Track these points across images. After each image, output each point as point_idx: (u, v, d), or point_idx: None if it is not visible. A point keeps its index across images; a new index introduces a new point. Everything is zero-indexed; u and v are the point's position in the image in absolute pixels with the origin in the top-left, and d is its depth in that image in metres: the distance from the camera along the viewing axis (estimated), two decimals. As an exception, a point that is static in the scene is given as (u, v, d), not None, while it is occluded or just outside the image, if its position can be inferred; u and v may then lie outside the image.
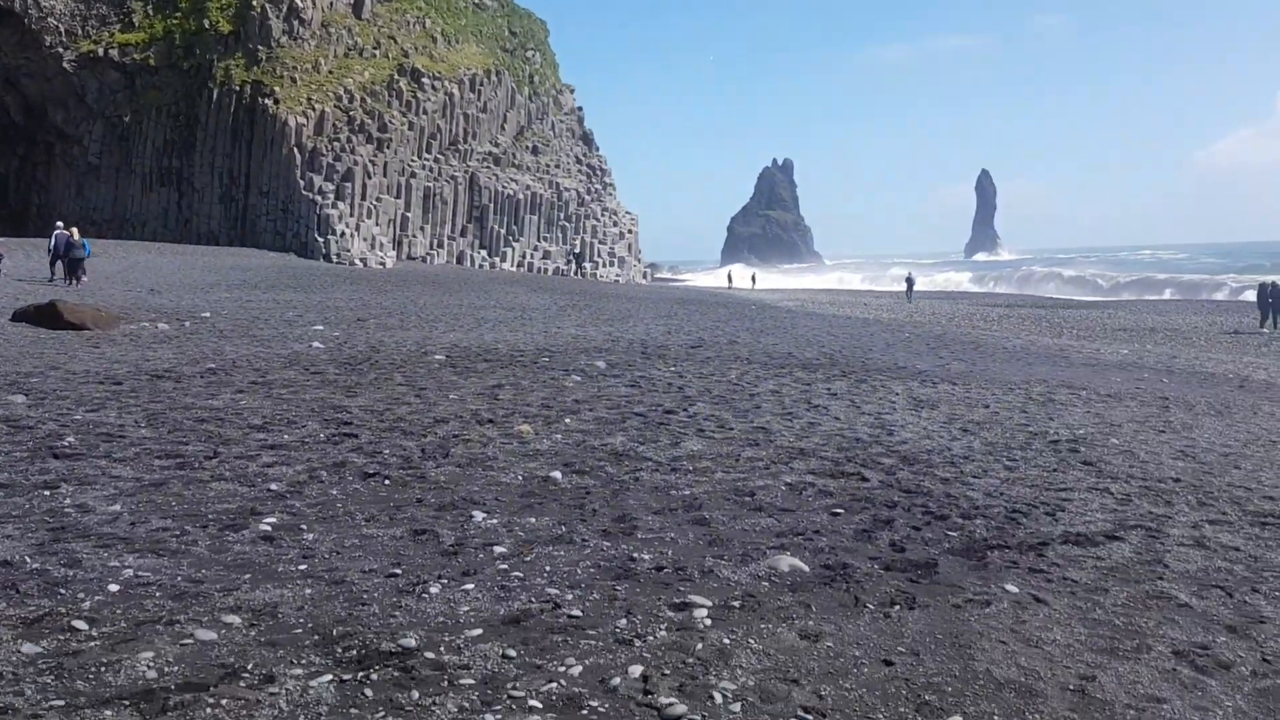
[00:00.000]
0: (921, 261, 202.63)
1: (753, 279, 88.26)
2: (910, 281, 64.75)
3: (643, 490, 8.11)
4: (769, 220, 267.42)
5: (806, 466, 9.36)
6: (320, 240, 53.41)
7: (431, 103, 60.57)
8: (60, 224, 34.07)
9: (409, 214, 58.58)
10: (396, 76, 59.95)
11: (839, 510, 7.75)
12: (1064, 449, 11.06)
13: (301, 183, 54.44)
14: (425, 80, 60.73)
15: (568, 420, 11.27)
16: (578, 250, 65.04)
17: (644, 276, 72.81)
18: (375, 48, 60.51)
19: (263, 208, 55.66)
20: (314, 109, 55.77)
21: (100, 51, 56.61)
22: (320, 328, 21.80)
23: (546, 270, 63.43)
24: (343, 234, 54.03)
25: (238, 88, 55.64)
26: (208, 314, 23.37)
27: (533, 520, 7.12)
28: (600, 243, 67.77)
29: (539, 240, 64.60)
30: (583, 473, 8.67)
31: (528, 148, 67.47)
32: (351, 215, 55.22)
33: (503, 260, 62.02)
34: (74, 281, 31.14)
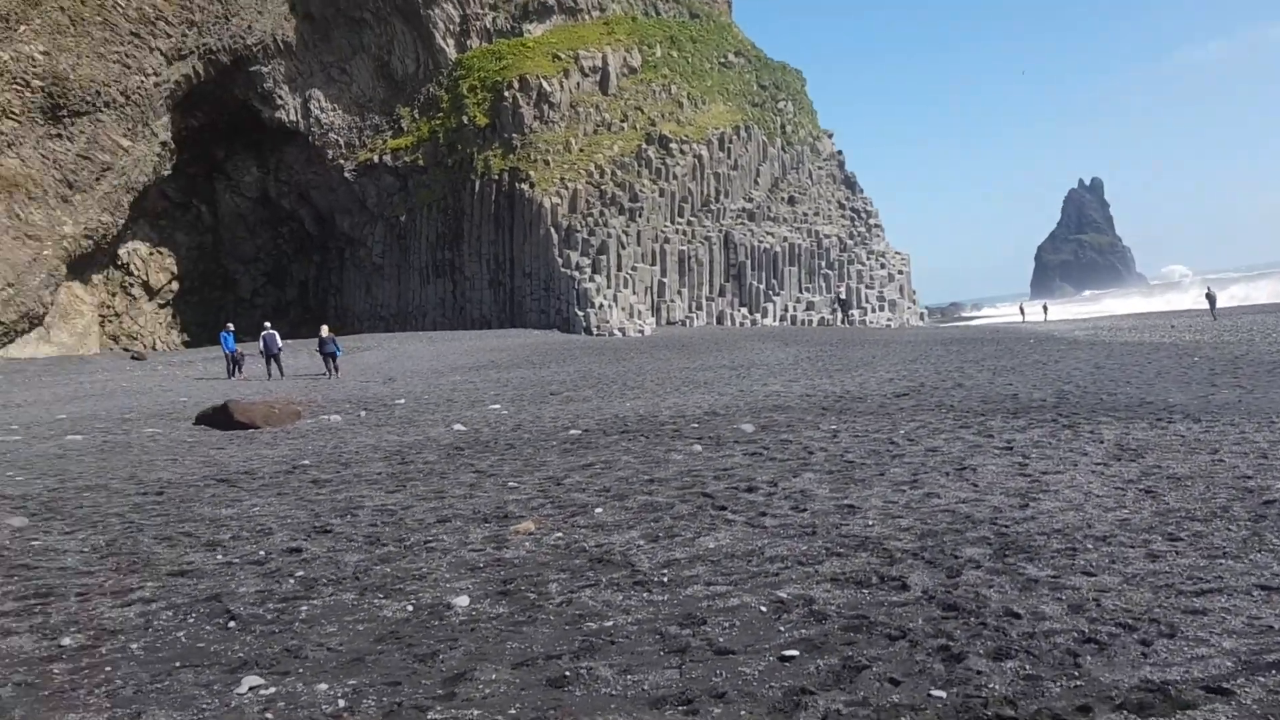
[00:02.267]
0: (1250, 273, 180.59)
1: (1044, 309, 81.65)
2: (1211, 297, 57.13)
3: (560, 621, 6.24)
4: (1080, 245, 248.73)
5: (840, 568, 7.07)
6: (580, 314, 54.30)
7: (680, 167, 60.58)
8: (268, 324, 36.39)
9: (665, 279, 58.52)
10: (644, 146, 60.55)
11: (795, 651, 5.48)
12: (1269, 519, 7.93)
13: (559, 260, 55.79)
14: (673, 145, 60.90)
15: (599, 510, 9.47)
16: (843, 297, 62.31)
17: (921, 318, 68.63)
18: (623, 120, 61.51)
19: (527, 289, 57.54)
20: (567, 188, 57.25)
21: (376, 159, 61.30)
22: (496, 406, 21.20)
23: (810, 321, 61.16)
24: (601, 306, 54.67)
25: (496, 176, 58.20)
26: (401, 401, 23.48)
27: (323, 688, 5.38)
28: (867, 287, 64.61)
29: (800, 292, 62.51)
30: (507, 595, 6.87)
31: (784, 199, 65.90)
32: (609, 287, 55.84)
33: (764, 316, 60.45)
34: (329, 374, 32.91)
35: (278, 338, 34.16)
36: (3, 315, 48.44)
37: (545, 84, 59.57)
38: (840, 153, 75.06)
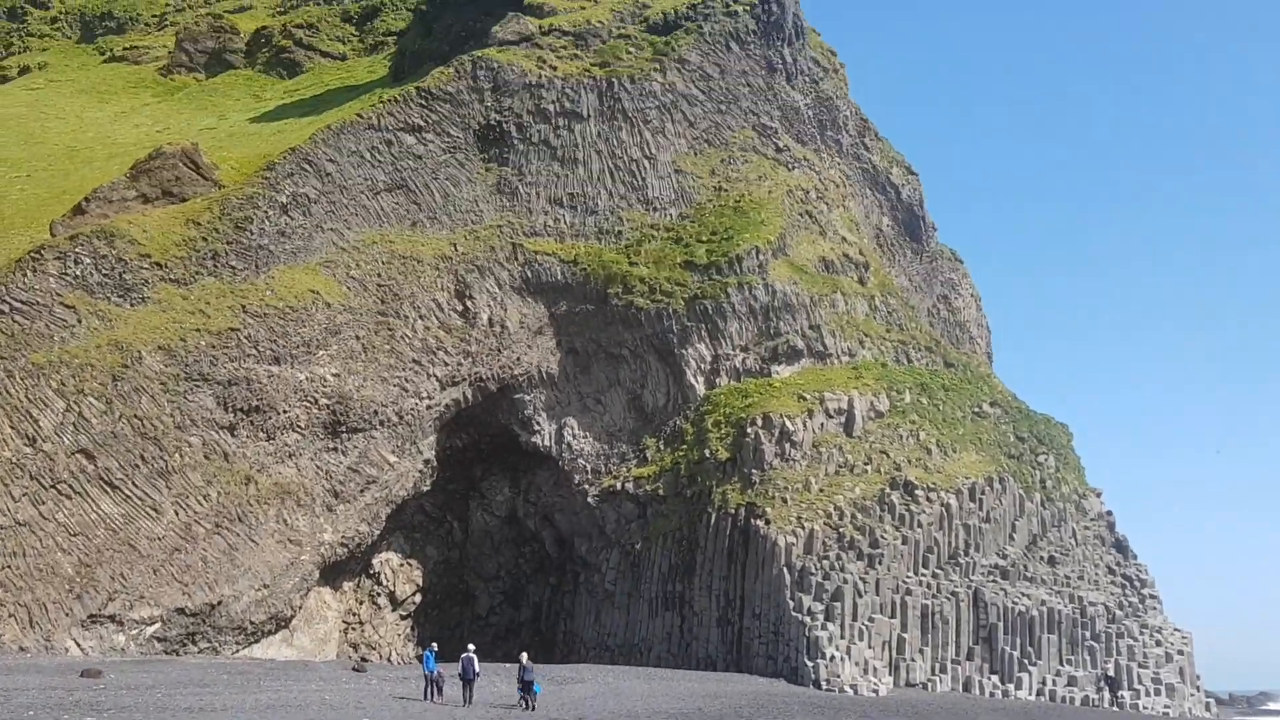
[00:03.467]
0: None
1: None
2: None
3: None
4: None
5: None
6: (810, 664, 50.87)
7: (926, 515, 57.76)
8: (471, 646, 35.67)
9: (905, 634, 54.27)
10: (888, 490, 58.51)
11: None
12: None
13: (791, 603, 53.24)
14: (919, 492, 58.51)
15: None
16: (1111, 675, 55.22)
17: (1208, 709, 59.50)
18: (866, 463, 60.12)
19: (756, 630, 54.93)
20: (803, 527, 55.61)
21: (619, 485, 62.43)
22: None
23: (1072, 699, 54.24)
24: (833, 658, 51.07)
25: (733, 511, 57.53)
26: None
27: None
28: (1140, 666, 57.09)
29: (1061, 664, 56.02)
30: None
31: (1043, 558, 60.99)
32: (842, 637, 52.35)
33: (1017, 687, 54.26)
34: (522, 707, 31.61)
35: (475, 662, 33.46)
36: (254, 615, 50.86)
37: (789, 422, 59.72)
38: (1110, 513, 69.69)
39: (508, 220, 66.23)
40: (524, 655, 33.71)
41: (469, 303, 62.88)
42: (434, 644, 36.77)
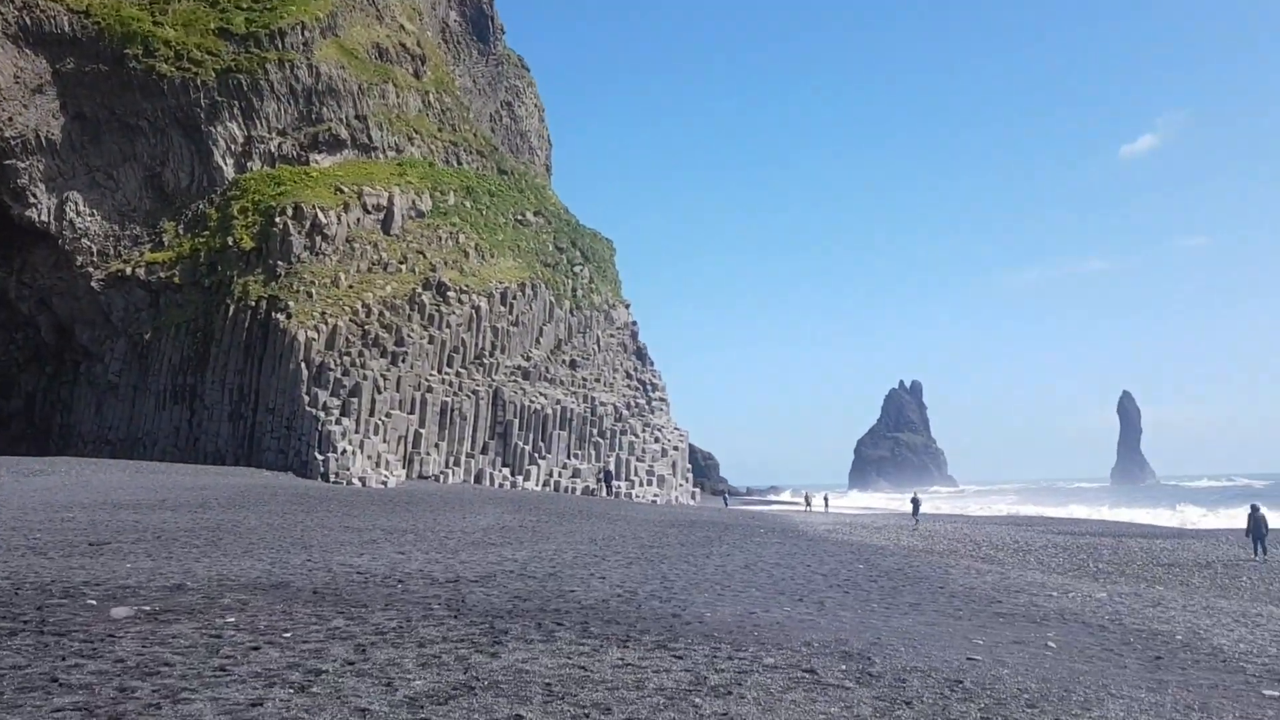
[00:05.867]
0: (1066, 484, 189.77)
1: (825, 500, 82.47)
2: (916, 503, 59.03)
3: None
4: (897, 443, 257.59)
5: None
6: (320, 458, 50.31)
7: (456, 316, 58.40)
8: None
9: (423, 430, 55.31)
10: (420, 290, 58.29)
11: None
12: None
13: (306, 398, 52.05)
14: (451, 294, 58.86)
15: None
16: (610, 469, 60.22)
17: (693, 497, 67.08)
18: (401, 262, 59.34)
19: (268, 425, 53.36)
20: (326, 323, 54.09)
21: (128, 270, 57.04)
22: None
23: (574, 489, 58.64)
24: (344, 452, 50.88)
25: (254, 303, 54.69)
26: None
27: None
28: (638, 460, 62.84)
29: (568, 458, 60.18)
30: None
31: (564, 361, 64.31)
32: (357, 432, 52.23)
33: (526, 479, 57.66)
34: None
35: None
36: None
37: (322, 214, 57.14)
38: (635, 323, 74.60)
39: (-3, -49, 55.95)
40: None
41: (-61, 43, 53.04)
42: None
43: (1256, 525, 33.94)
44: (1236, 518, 65.94)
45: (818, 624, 14.18)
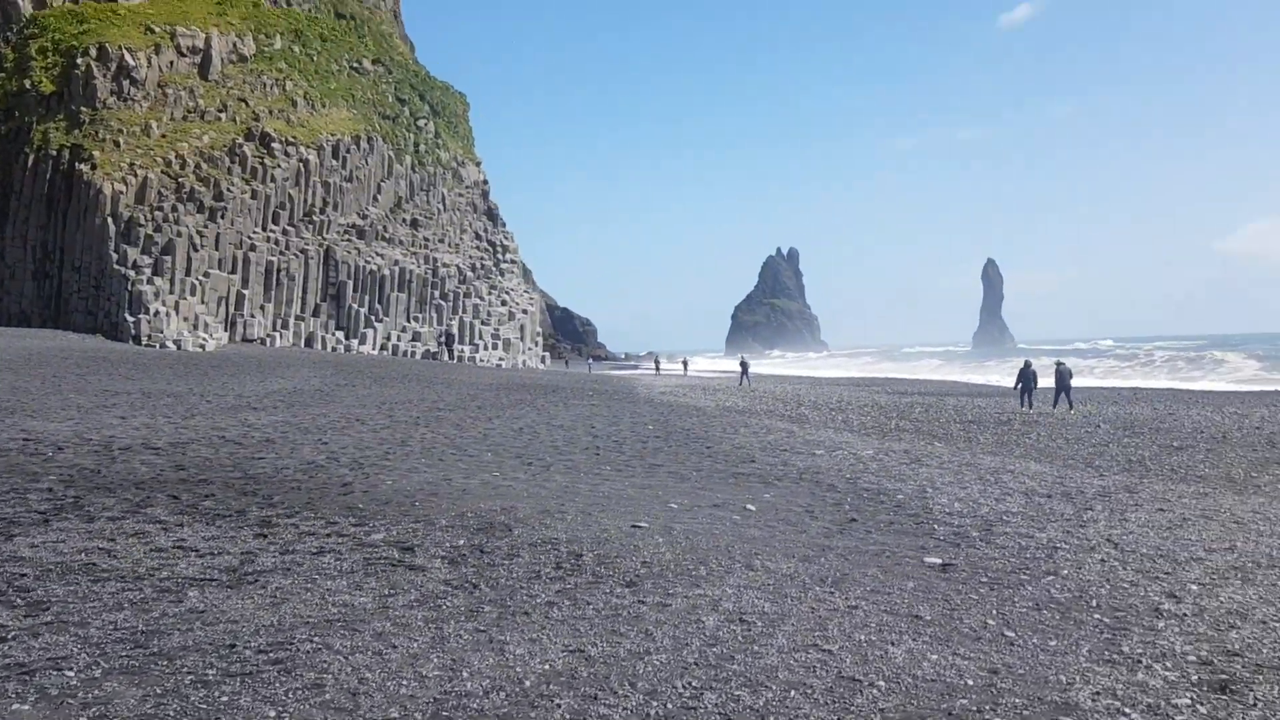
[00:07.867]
0: (929, 349, 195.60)
1: (684, 364, 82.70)
2: (744, 365, 60.31)
3: None
4: (773, 309, 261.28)
5: None
6: (130, 320, 47.36)
7: (282, 170, 54.99)
8: None
9: (246, 291, 52.51)
10: (241, 141, 54.53)
11: None
12: None
13: (114, 256, 48.67)
14: (276, 146, 55.27)
15: None
16: (452, 332, 58.54)
17: (542, 361, 66.15)
18: (221, 111, 55.27)
19: (75, 284, 49.96)
20: (136, 175, 50.28)
21: (-91, 115, 51.81)
22: None
23: (414, 353, 56.97)
24: (156, 313, 47.96)
25: (55, 152, 50.40)
26: None
27: None
28: (483, 324, 61.27)
29: (408, 321, 58.24)
30: None
31: (405, 220, 61.62)
32: (171, 293, 49.25)
33: (361, 343, 55.66)
34: None
35: None
36: None
37: (129, 56, 52.53)
38: (486, 182, 71.92)
39: None
40: None
41: None
42: None
43: (1026, 380, 35.85)
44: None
45: (510, 490, 13.21)
